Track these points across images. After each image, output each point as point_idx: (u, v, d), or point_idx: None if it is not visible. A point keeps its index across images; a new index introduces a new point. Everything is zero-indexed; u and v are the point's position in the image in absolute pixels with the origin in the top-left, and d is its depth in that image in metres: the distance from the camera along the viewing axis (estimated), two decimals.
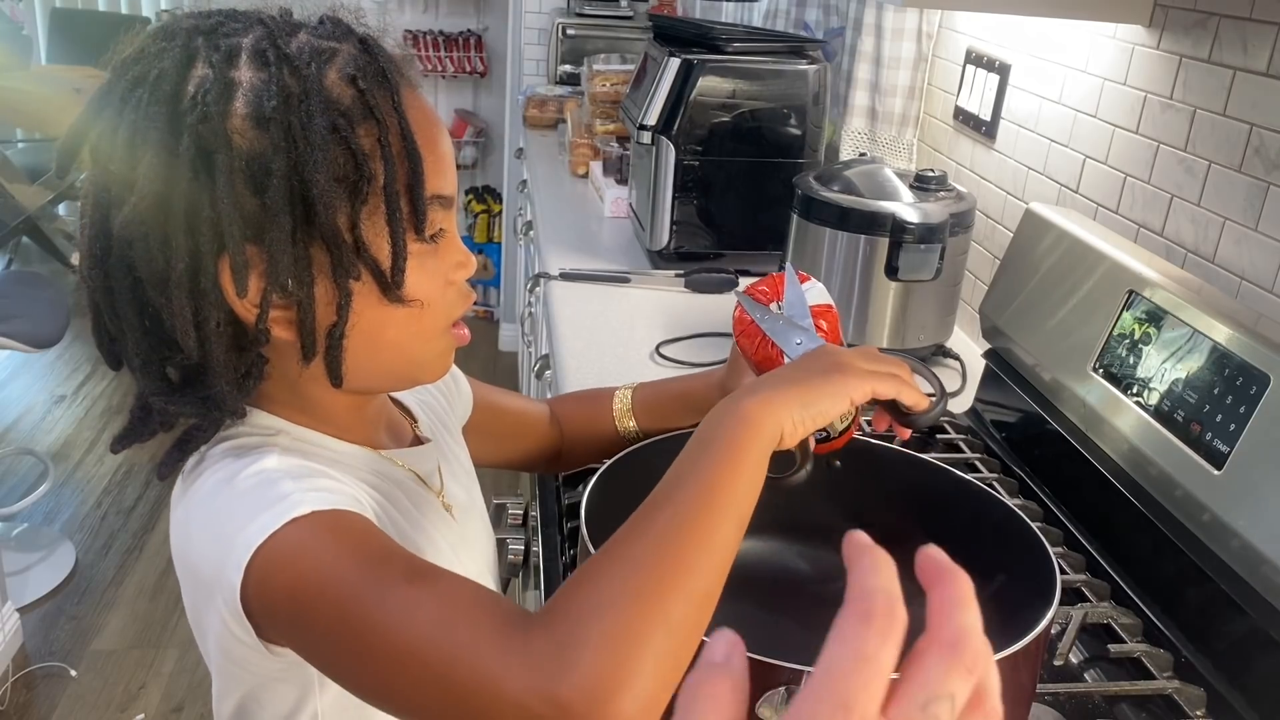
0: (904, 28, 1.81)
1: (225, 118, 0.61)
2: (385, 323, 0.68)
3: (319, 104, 0.62)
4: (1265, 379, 0.88)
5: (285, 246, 0.62)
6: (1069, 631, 0.91)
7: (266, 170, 0.61)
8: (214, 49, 0.63)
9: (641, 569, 0.58)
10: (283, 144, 0.61)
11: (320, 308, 0.65)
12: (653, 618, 0.56)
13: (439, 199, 0.68)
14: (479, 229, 4.52)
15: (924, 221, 1.37)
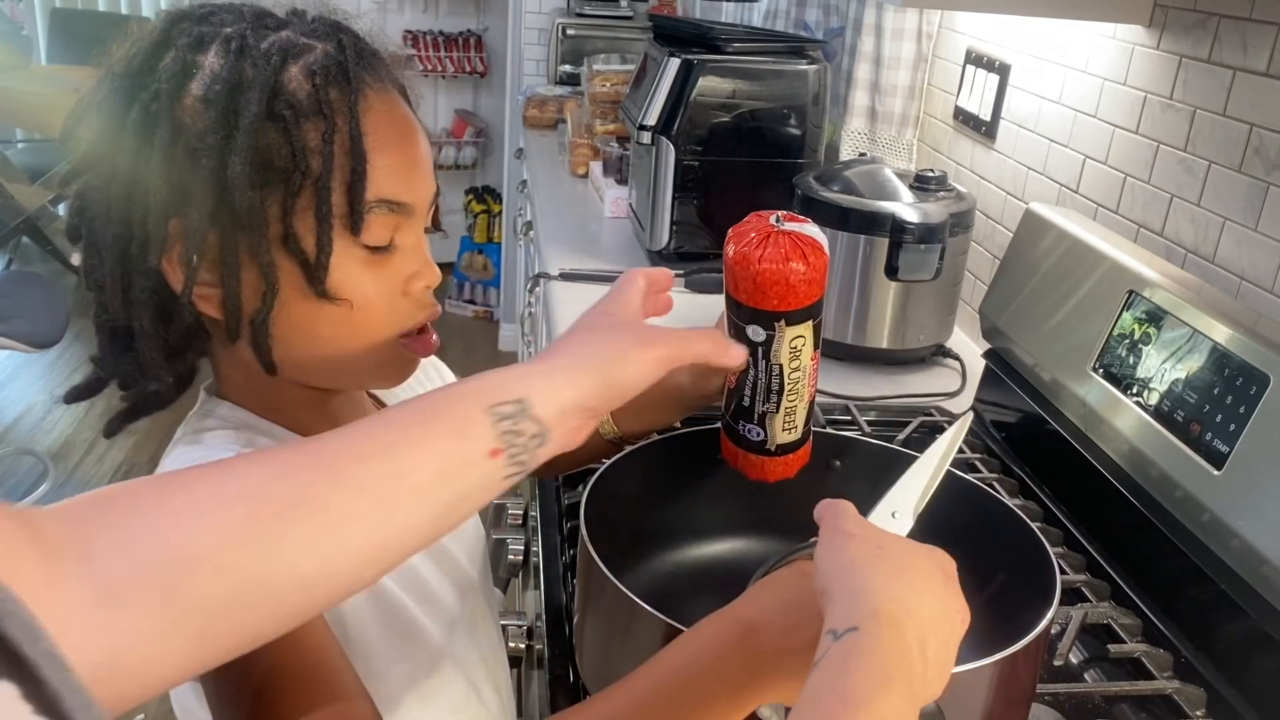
0: (904, 28, 1.81)
1: (177, 96, 0.64)
2: (316, 318, 0.67)
3: (264, 93, 0.64)
4: (1265, 379, 0.88)
5: (204, 223, 0.64)
6: (1069, 631, 0.91)
7: (198, 147, 0.63)
8: (189, 36, 0.66)
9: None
10: (218, 125, 0.63)
11: (247, 291, 0.66)
12: None
13: (388, 204, 0.67)
14: (479, 229, 4.52)
15: (924, 221, 1.37)
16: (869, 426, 1.27)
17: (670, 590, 0.87)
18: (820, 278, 0.75)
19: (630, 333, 0.64)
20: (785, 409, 0.77)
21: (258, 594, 0.48)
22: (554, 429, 0.57)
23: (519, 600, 1.23)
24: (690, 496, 0.90)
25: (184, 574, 0.46)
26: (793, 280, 0.73)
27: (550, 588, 0.96)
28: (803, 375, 0.76)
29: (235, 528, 0.48)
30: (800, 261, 0.72)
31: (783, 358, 0.75)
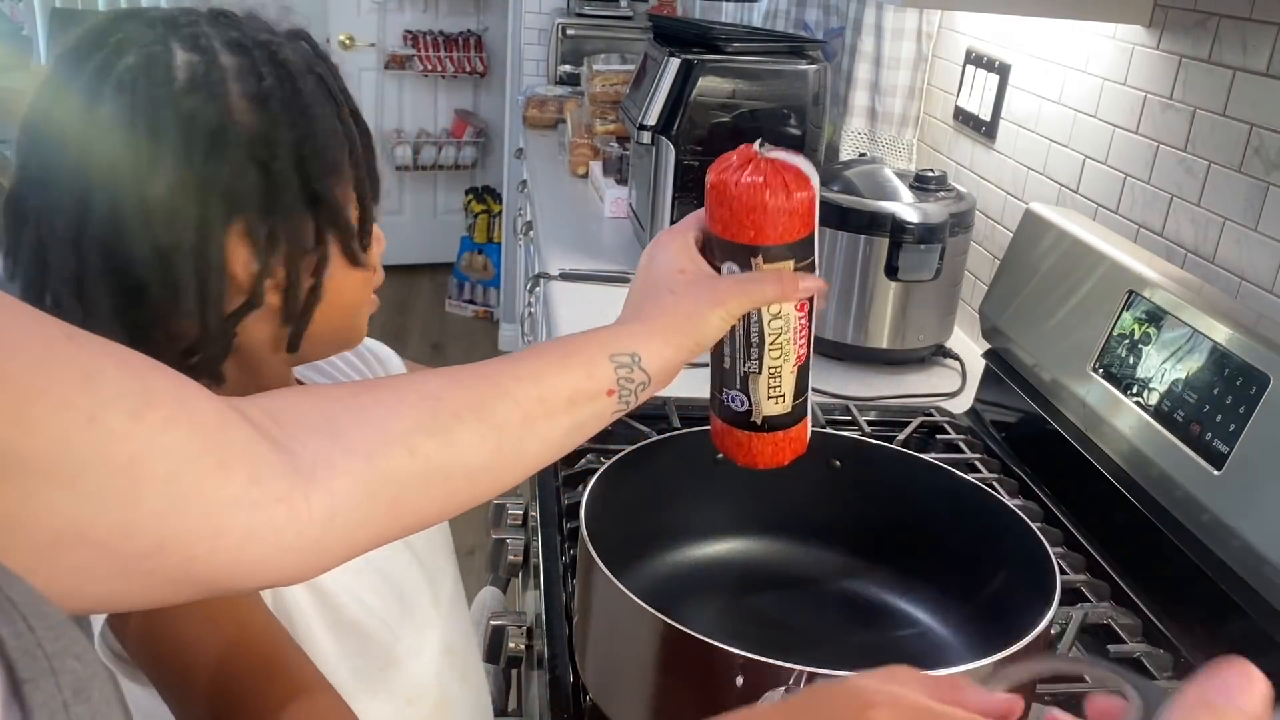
0: (904, 28, 1.81)
1: (224, 98, 0.66)
2: (344, 287, 0.73)
3: (320, 87, 0.70)
4: (1265, 379, 0.88)
5: (285, 214, 0.68)
6: (1069, 632, 0.91)
7: (271, 142, 0.67)
8: (186, 39, 0.67)
9: None
10: (283, 119, 0.67)
11: (303, 273, 0.70)
12: None
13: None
14: (479, 229, 4.52)
15: (924, 221, 1.37)
16: (869, 426, 1.27)
17: (670, 590, 0.87)
18: (803, 212, 0.69)
19: (706, 291, 0.69)
20: (769, 370, 0.71)
21: (437, 478, 0.57)
22: (655, 379, 0.67)
23: (519, 600, 1.23)
24: (690, 496, 0.90)
25: (382, 451, 0.54)
26: (770, 208, 0.67)
27: (550, 588, 0.96)
28: (786, 329, 0.70)
29: (421, 419, 0.57)
30: (779, 190, 0.67)
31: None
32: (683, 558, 0.91)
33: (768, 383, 0.72)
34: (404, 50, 4.63)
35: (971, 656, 0.74)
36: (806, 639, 0.85)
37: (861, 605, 0.88)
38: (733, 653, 0.63)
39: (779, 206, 0.67)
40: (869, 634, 0.86)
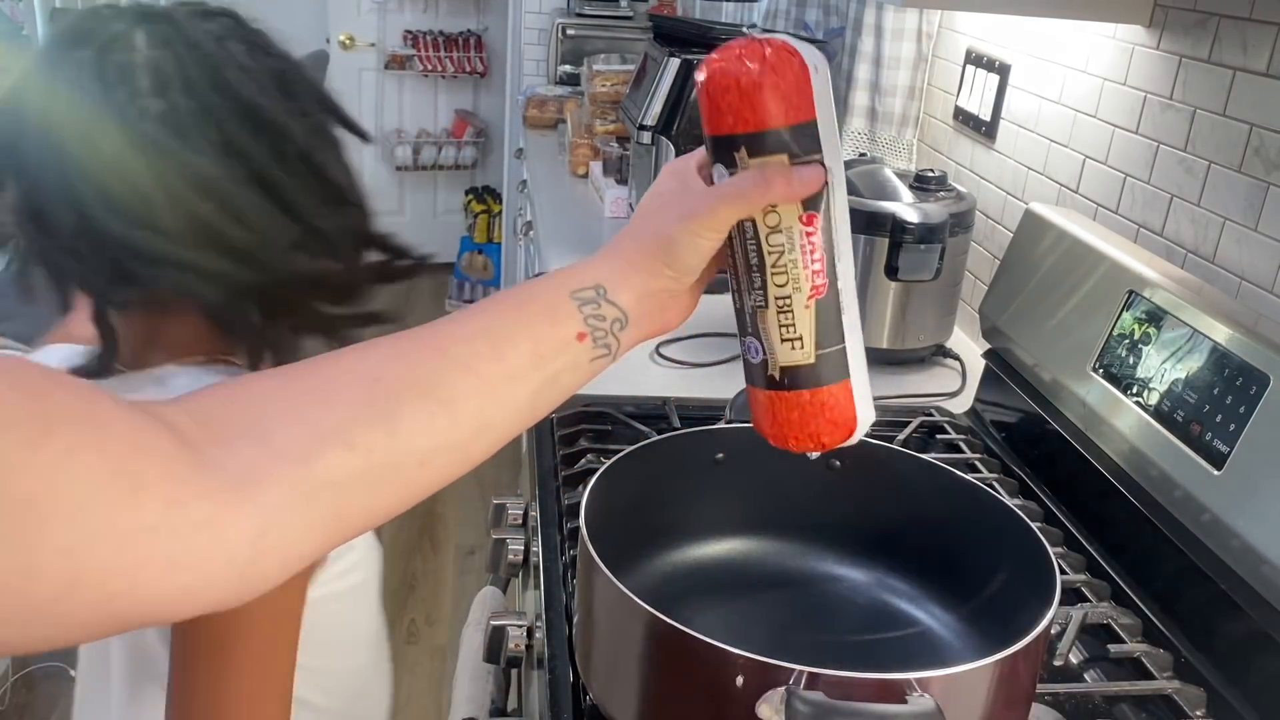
0: (904, 28, 1.81)
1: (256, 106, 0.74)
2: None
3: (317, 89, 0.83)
4: (1265, 379, 0.88)
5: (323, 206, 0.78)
6: (1069, 632, 0.91)
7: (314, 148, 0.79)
8: (192, 39, 0.74)
9: None
10: (316, 128, 0.80)
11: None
12: None
13: None
14: (479, 229, 4.52)
15: (924, 221, 1.37)
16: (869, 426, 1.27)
17: (670, 590, 0.87)
18: (789, 90, 0.56)
19: (676, 204, 0.60)
20: (776, 302, 0.59)
21: (385, 471, 0.51)
22: (633, 312, 0.59)
23: (519, 600, 1.23)
24: (690, 496, 0.90)
25: (317, 452, 0.49)
26: (745, 85, 0.55)
27: (550, 588, 0.96)
28: (790, 247, 0.58)
29: (358, 406, 0.51)
30: (756, 62, 0.55)
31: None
32: (683, 558, 0.91)
33: (778, 319, 0.59)
34: (404, 50, 4.63)
35: (971, 656, 0.74)
36: (806, 639, 0.85)
37: (862, 605, 0.88)
38: (733, 653, 0.63)
39: (755, 83, 0.55)
40: (869, 634, 0.86)
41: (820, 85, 0.58)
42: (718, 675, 0.65)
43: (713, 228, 0.58)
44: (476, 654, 1.03)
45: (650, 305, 0.60)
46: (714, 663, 0.65)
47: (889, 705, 0.61)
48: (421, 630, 2.60)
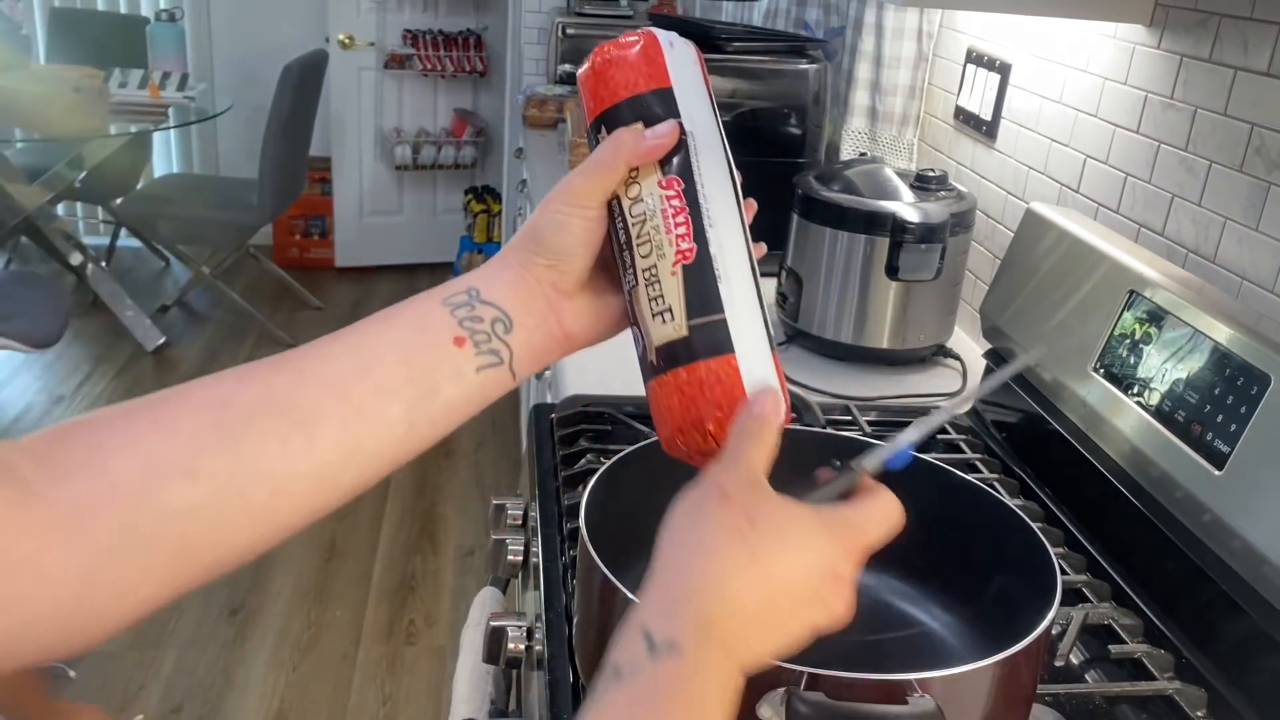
0: (904, 27, 1.81)
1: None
2: None
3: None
4: (1266, 379, 0.88)
5: None
6: (1069, 632, 0.91)
7: None
8: None
9: None
10: None
11: None
12: None
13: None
14: (479, 229, 4.52)
15: (924, 221, 1.37)
16: (869, 427, 1.27)
17: None
18: (644, 65, 0.56)
19: (551, 194, 0.57)
20: (644, 275, 0.56)
21: (232, 500, 0.47)
22: (513, 311, 0.55)
23: (519, 600, 1.23)
24: None
25: (156, 483, 0.45)
26: (598, 66, 0.57)
27: (550, 588, 0.96)
28: (652, 214, 0.56)
29: (203, 432, 0.47)
30: (607, 48, 0.57)
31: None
32: None
33: (646, 294, 0.56)
34: (403, 50, 4.63)
35: (972, 656, 0.74)
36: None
37: (861, 605, 0.88)
38: None
39: (606, 61, 0.57)
40: (869, 634, 0.86)
41: (677, 58, 0.57)
42: None
43: (570, 201, 0.56)
44: (476, 654, 1.03)
45: (534, 303, 0.56)
46: None
47: (889, 706, 0.61)
48: (421, 631, 2.60)
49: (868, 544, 0.51)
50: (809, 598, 0.48)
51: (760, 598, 0.46)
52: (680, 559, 0.48)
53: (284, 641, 2.50)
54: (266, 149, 3.81)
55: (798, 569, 0.48)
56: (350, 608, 2.65)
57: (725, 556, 0.47)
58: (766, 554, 0.47)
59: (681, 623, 0.45)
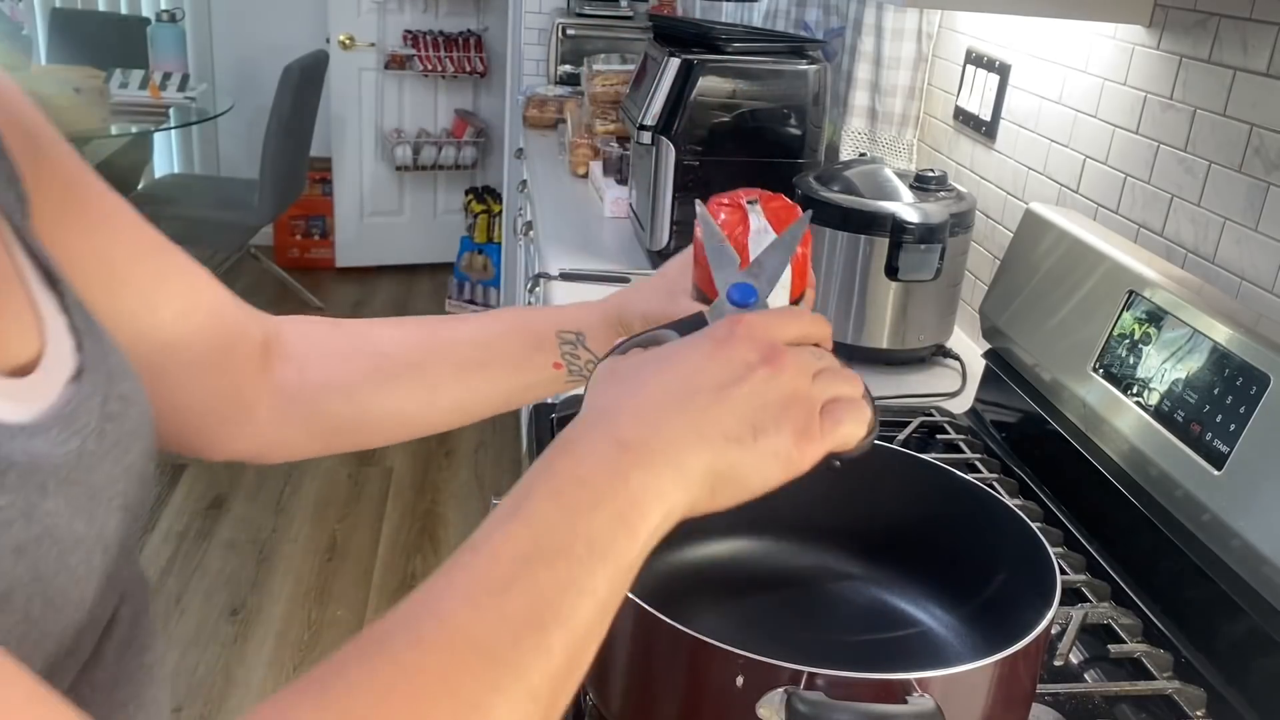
0: (904, 28, 1.81)
1: None
2: None
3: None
4: (1265, 379, 0.88)
5: None
6: (1069, 632, 0.91)
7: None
8: None
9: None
10: None
11: None
12: None
13: None
14: (479, 229, 4.52)
15: (924, 221, 1.37)
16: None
17: (670, 590, 0.87)
18: (801, 273, 0.65)
19: (658, 306, 0.71)
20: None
21: (371, 423, 0.76)
22: (597, 359, 0.72)
23: None
24: None
25: (324, 394, 0.73)
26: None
27: None
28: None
29: (366, 371, 0.73)
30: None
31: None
32: (683, 558, 0.91)
33: None
34: (404, 50, 4.63)
35: (972, 656, 0.74)
36: (806, 639, 0.85)
37: (861, 605, 0.88)
38: (733, 653, 0.63)
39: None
40: (869, 634, 0.86)
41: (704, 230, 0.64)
42: (718, 675, 0.65)
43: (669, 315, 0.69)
44: None
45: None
46: (714, 663, 0.65)
47: (889, 705, 0.61)
48: None
49: (769, 332, 0.53)
50: (714, 382, 0.50)
51: (652, 392, 0.50)
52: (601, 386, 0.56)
53: (284, 641, 2.51)
54: (267, 149, 3.82)
55: (686, 361, 0.52)
56: (350, 607, 2.65)
57: (618, 386, 0.53)
58: (650, 364, 0.53)
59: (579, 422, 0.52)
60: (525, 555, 0.43)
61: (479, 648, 0.40)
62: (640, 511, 0.46)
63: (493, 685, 0.39)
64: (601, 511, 0.45)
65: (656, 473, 0.47)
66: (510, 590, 0.42)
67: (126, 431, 0.50)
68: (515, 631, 0.41)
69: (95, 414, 0.47)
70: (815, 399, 0.52)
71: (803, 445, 0.51)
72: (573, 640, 0.43)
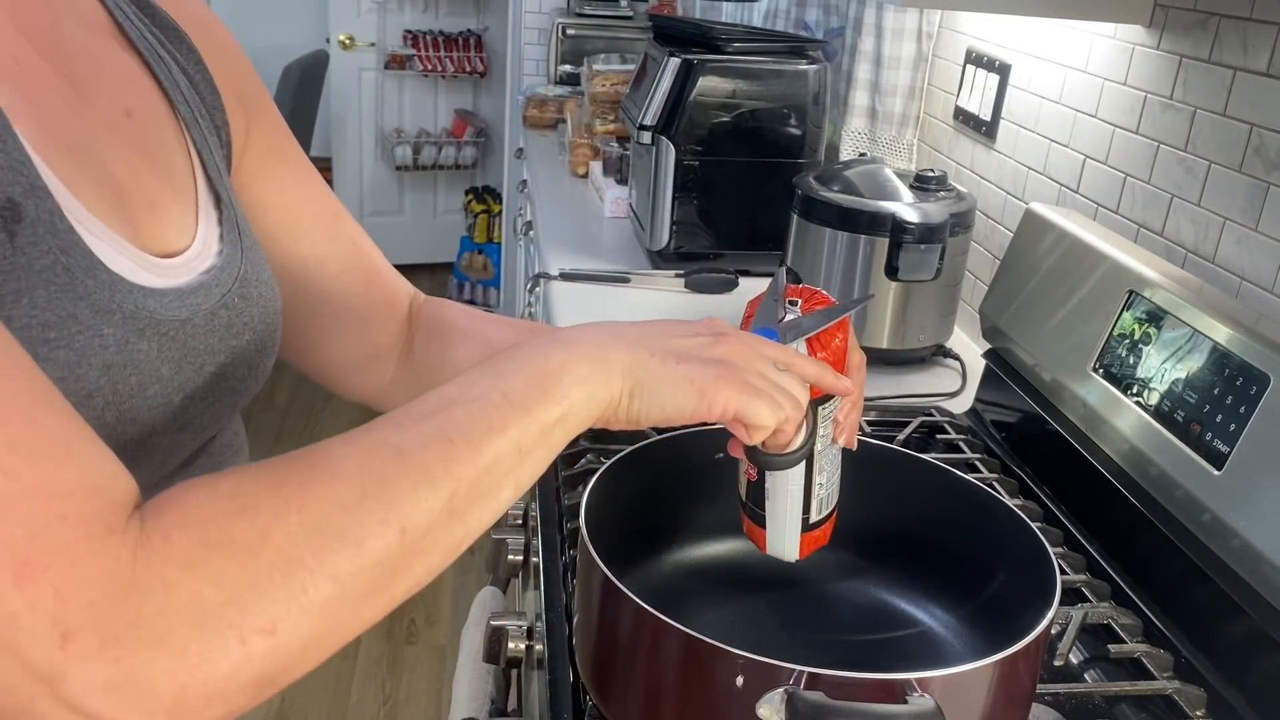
0: (904, 28, 1.81)
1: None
2: None
3: None
4: (1265, 379, 0.88)
5: None
6: (1069, 632, 0.91)
7: None
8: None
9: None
10: None
11: None
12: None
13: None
14: (479, 229, 4.52)
15: (924, 221, 1.37)
16: (869, 427, 1.27)
17: (670, 590, 0.87)
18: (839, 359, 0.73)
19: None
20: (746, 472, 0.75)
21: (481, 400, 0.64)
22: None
23: (519, 600, 1.23)
24: (690, 496, 0.90)
25: (428, 383, 0.78)
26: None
27: (550, 588, 0.96)
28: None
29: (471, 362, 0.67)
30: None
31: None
32: (683, 558, 0.91)
33: (741, 465, 0.77)
34: (404, 50, 4.63)
35: (971, 656, 0.74)
36: (806, 639, 0.85)
37: (861, 605, 0.88)
38: (733, 653, 0.63)
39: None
40: (869, 634, 0.86)
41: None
42: (718, 675, 0.65)
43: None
44: (476, 654, 1.03)
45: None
46: (714, 663, 0.65)
47: (889, 705, 0.61)
48: (421, 630, 2.60)
49: (738, 333, 0.63)
50: (661, 330, 0.60)
51: (608, 325, 0.60)
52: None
53: None
54: None
55: (652, 321, 0.62)
56: None
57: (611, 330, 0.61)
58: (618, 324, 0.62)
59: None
60: (449, 399, 0.52)
61: (392, 446, 0.49)
62: (557, 380, 0.54)
63: (398, 471, 0.48)
64: (520, 375, 0.54)
65: (577, 356, 0.56)
66: (428, 419, 0.51)
67: (241, 322, 0.62)
68: (424, 440, 0.50)
69: (212, 300, 0.60)
70: (748, 369, 0.60)
71: (719, 386, 0.58)
72: (478, 462, 0.50)
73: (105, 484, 0.43)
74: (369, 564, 0.46)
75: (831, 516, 0.77)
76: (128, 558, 0.41)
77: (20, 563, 0.38)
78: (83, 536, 0.40)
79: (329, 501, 0.46)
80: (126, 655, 0.39)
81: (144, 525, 0.43)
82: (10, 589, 0.38)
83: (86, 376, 0.50)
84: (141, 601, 0.40)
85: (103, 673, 0.39)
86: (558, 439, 0.55)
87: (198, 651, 0.41)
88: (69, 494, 0.41)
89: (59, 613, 0.39)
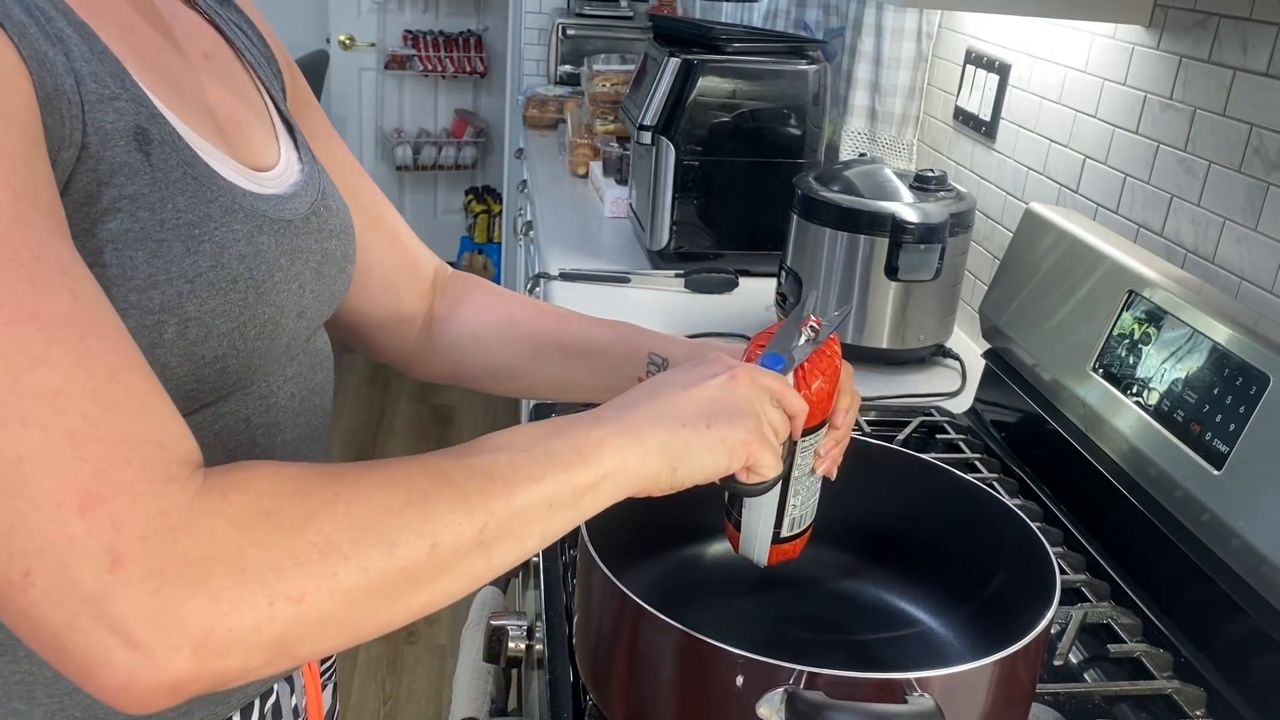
0: (904, 28, 1.81)
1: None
2: None
3: None
4: (1265, 379, 0.88)
5: None
6: (1069, 631, 0.91)
7: None
8: None
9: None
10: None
11: None
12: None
13: None
14: (479, 229, 4.53)
15: (924, 221, 1.37)
16: (869, 427, 1.27)
17: (670, 590, 0.87)
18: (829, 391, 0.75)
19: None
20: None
21: (526, 379, 0.91)
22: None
23: (519, 600, 1.23)
24: (690, 496, 0.90)
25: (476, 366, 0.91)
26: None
27: (550, 588, 0.96)
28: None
29: (527, 352, 0.88)
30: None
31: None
32: (683, 558, 0.91)
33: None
34: (404, 50, 4.63)
35: (971, 656, 0.74)
36: (806, 639, 0.85)
37: (861, 605, 0.88)
38: (733, 653, 0.63)
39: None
40: (869, 634, 0.86)
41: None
42: (718, 675, 0.65)
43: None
44: (476, 654, 1.03)
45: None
46: (714, 663, 0.65)
47: (889, 705, 0.61)
48: (421, 630, 2.60)
49: (745, 367, 0.67)
50: (682, 384, 0.65)
51: (636, 392, 0.65)
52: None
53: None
54: None
55: (671, 375, 0.67)
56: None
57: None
58: (651, 379, 0.68)
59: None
60: (500, 445, 0.57)
61: (442, 471, 0.53)
62: (596, 450, 0.58)
63: (442, 493, 0.52)
64: (565, 439, 0.58)
65: (618, 433, 0.59)
66: (478, 457, 0.55)
67: (329, 229, 0.71)
68: (470, 473, 0.54)
69: (305, 208, 0.69)
70: (760, 417, 0.64)
71: (748, 443, 0.63)
72: (512, 504, 0.54)
73: (171, 440, 0.47)
74: (397, 566, 0.50)
75: (805, 533, 0.77)
76: (184, 505, 0.45)
77: (85, 492, 0.43)
78: (144, 480, 0.44)
79: (376, 503, 0.50)
80: (166, 588, 0.43)
81: (205, 482, 0.46)
82: (74, 514, 0.42)
83: (229, 264, 0.59)
84: (189, 545, 0.44)
85: (142, 600, 0.43)
86: (588, 503, 0.58)
87: (230, 600, 0.44)
88: (138, 443, 0.45)
89: (113, 540, 0.43)
